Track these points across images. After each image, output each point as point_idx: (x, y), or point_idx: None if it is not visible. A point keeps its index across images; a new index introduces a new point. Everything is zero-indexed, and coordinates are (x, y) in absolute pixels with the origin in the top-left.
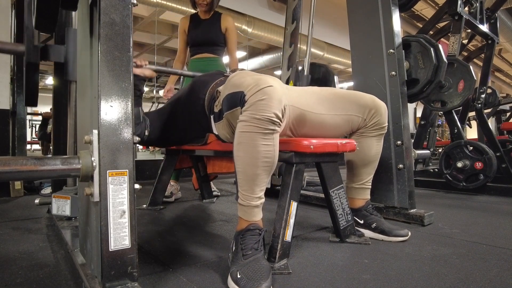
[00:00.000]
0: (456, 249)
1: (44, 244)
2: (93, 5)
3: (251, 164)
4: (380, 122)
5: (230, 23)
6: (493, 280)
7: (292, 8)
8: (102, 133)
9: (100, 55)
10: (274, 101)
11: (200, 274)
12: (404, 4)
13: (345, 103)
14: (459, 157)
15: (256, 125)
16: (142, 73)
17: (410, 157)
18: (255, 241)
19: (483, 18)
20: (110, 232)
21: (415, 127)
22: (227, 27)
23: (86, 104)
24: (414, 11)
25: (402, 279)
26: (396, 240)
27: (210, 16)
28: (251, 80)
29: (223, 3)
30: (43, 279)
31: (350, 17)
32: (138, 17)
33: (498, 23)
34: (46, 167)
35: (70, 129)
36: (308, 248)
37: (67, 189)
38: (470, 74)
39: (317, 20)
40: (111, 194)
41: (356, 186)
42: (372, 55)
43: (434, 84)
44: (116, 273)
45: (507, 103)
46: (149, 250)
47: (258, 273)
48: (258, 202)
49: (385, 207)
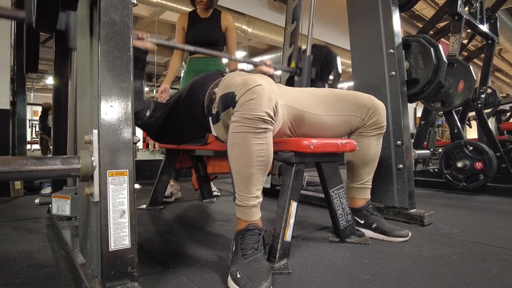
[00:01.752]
0: (456, 249)
1: (44, 244)
2: (93, 5)
3: (245, 164)
4: (378, 121)
5: (230, 22)
6: (493, 280)
7: (292, 8)
8: (102, 133)
9: (100, 55)
10: (264, 100)
11: (200, 274)
12: (404, 4)
13: (343, 103)
14: (459, 157)
15: (247, 124)
16: (144, 46)
17: (410, 157)
18: (254, 241)
19: (483, 18)
20: (110, 232)
21: (415, 127)
22: (227, 26)
23: (86, 104)
24: (414, 11)
25: (402, 279)
26: (397, 240)
27: (210, 15)
28: (240, 80)
29: (223, 3)
30: (43, 279)
31: (350, 17)
32: (138, 17)
33: (498, 23)
34: (46, 167)
35: (70, 129)
36: (308, 248)
37: (67, 189)
38: (470, 74)
39: (317, 20)
40: (111, 194)
41: (356, 186)
42: (372, 55)
43: (434, 84)
44: (116, 273)
45: (507, 103)
46: (149, 250)
47: (258, 273)
48: (256, 202)
49: (385, 207)
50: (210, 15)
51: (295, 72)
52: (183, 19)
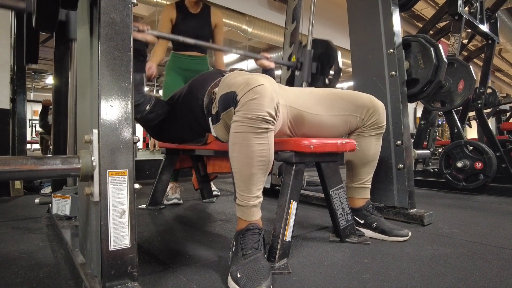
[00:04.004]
0: (456, 249)
1: (44, 243)
2: (93, 4)
3: (246, 164)
4: (378, 121)
5: (220, 19)
6: (493, 280)
7: (292, 7)
8: (102, 133)
9: (100, 55)
10: (266, 100)
11: (200, 273)
12: (404, 4)
13: (343, 103)
14: (459, 157)
15: (249, 124)
16: (144, 38)
17: (410, 157)
18: (255, 240)
19: (483, 18)
20: (110, 232)
21: (415, 127)
22: (216, 23)
23: (86, 104)
24: (414, 11)
25: (402, 279)
26: (397, 240)
27: (200, 10)
28: (242, 80)
29: (224, 3)
30: (43, 278)
31: (350, 17)
32: (138, 16)
33: (498, 23)
34: (46, 166)
35: (70, 129)
36: (308, 248)
37: (67, 189)
38: (470, 74)
39: (317, 19)
40: (111, 193)
41: (356, 185)
42: (372, 55)
43: (434, 84)
44: (116, 273)
45: (507, 103)
46: (149, 250)
47: (258, 273)
48: (256, 202)
49: (385, 207)
50: (200, 10)
51: (295, 66)
52: (171, 11)
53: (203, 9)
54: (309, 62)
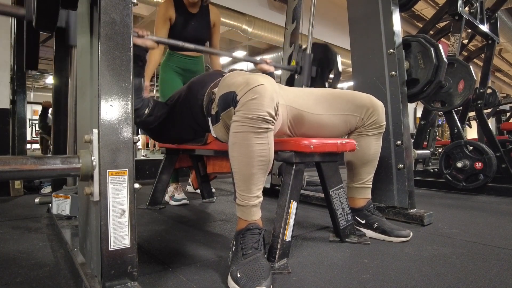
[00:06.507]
0: (455, 249)
1: (44, 243)
2: (93, 4)
3: (246, 163)
4: (378, 121)
5: (218, 17)
6: (493, 280)
7: (292, 7)
8: (102, 133)
9: (100, 55)
10: (265, 100)
11: (200, 273)
12: (404, 4)
13: (343, 103)
14: (459, 157)
15: (249, 124)
16: (144, 44)
17: (410, 157)
18: (255, 240)
19: (483, 18)
20: (110, 232)
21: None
22: (215, 22)
23: (86, 104)
24: (414, 11)
25: (402, 279)
26: (398, 240)
27: (199, 10)
28: (242, 80)
29: (224, 3)
30: (43, 278)
31: (350, 17)
32: (138, 16)
33: (498, 23)
34: (46, 166)
35: (70, 129)
36: (308, 248)
37: (67, 189)
38: (470, 74)
39: (317, 19)
40: (111, 193)
41: (356, 185)
42: (372, 55)
43: (434, 84)
44: (116, 273)
45: (507, 103)
46: (149, 250)
47: (258, 272)
48: (256, 201)
49: (385, 207)
50: (199, 9)
51: (295, 70)
52: (169, 8)
53: (202, 8)
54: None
